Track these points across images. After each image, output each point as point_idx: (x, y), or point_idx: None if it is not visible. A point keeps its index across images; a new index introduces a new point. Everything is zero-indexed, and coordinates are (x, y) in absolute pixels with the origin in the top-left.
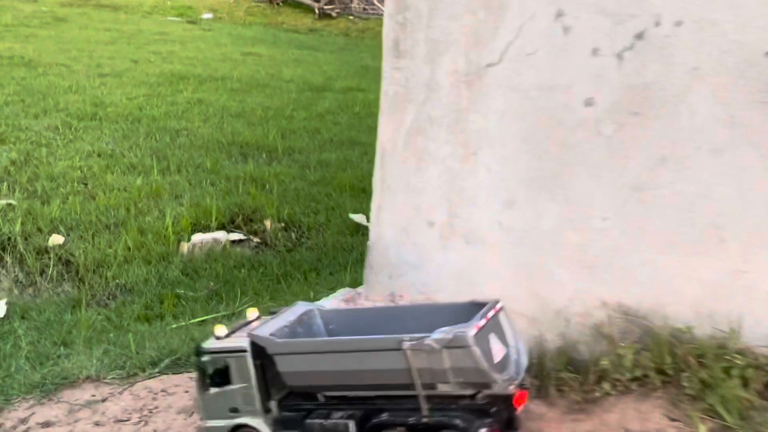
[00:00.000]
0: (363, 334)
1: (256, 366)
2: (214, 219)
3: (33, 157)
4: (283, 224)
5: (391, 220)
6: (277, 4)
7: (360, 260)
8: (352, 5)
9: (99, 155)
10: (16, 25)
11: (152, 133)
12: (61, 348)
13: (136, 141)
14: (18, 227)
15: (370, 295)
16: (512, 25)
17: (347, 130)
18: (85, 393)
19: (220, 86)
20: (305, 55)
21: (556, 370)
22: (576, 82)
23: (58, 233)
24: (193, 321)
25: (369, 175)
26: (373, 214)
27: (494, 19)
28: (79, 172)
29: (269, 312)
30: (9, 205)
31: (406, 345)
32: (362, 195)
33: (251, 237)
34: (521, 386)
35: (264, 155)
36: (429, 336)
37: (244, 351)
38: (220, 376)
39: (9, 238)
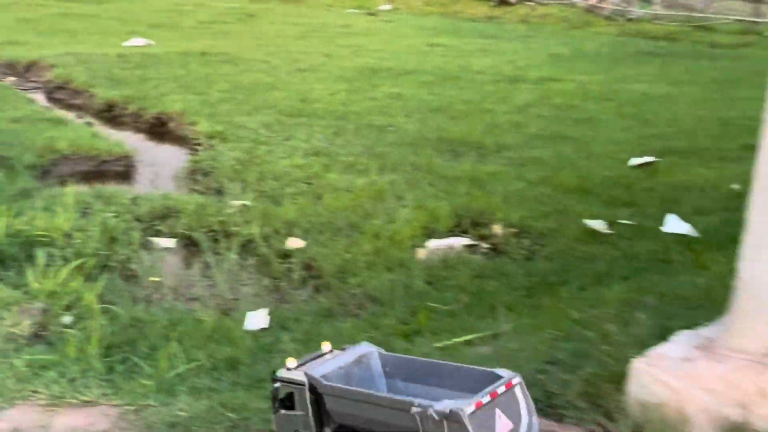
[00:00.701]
0: (413, 382)
1: (311, 400)
2: (443, 223)
3: (255, 155)
4: (514, 229)
5: None
6: None
7: (609, 274)
8: None
9: (316, 153)
10: (211, 22)
11: (360, 130)
12: None
13: (347, 138)
14: (257, 229)
15: (735, 344)
16: None
17: (553, 123)
18: None
19: (414, 79)
20: (490, 45)
21: None
22: None
23: (294, 236)
24: (457, 340)
25: (592, 175)
26: (747, 248)
27: None
28: (300, 171)
29: (341, 348)
30: (244, 206)
31: (413, 410)
32: (589, 197)
33: (481, 242)
34: None
35: (473, 152)
36: (433, 405)
37: (303, 385)
38: (288, 401)
39: (250, 241)
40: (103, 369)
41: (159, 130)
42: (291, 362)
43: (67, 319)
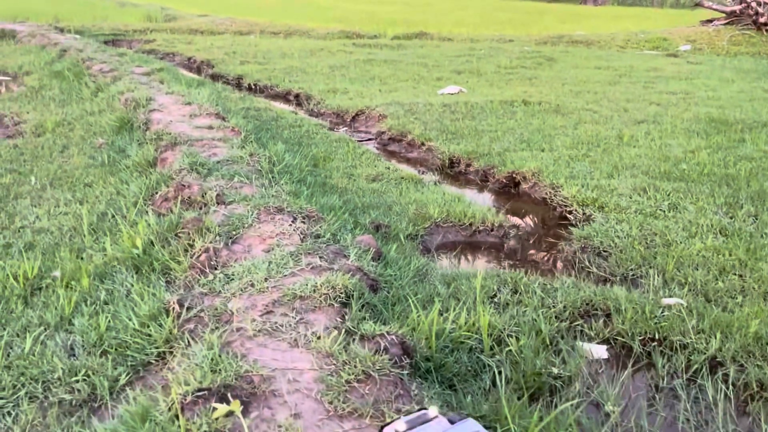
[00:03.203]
0: None
1: None
2: None
3: (651, 232)
4: None
5: None
6: (767, 30)
7: None
8: None
9: (723, 232)
10: (513, 68)
11: (756, 199)
12: None
13: (747, 210)
14: (716, 343)
15: None
16: None
17: None
18: None
19: None
20: None
21: None
22: None
23: None
24: None
25: None
26: None
27: None
28: (719, 256)
29: (448, 419)
30: (681, 306)
31: None
32: None
33: None
34: None
35: None
36: None
37: None
38: None
39: (718, 363)
40: None
41: (512, 191)
42: (400, 424)
43: None
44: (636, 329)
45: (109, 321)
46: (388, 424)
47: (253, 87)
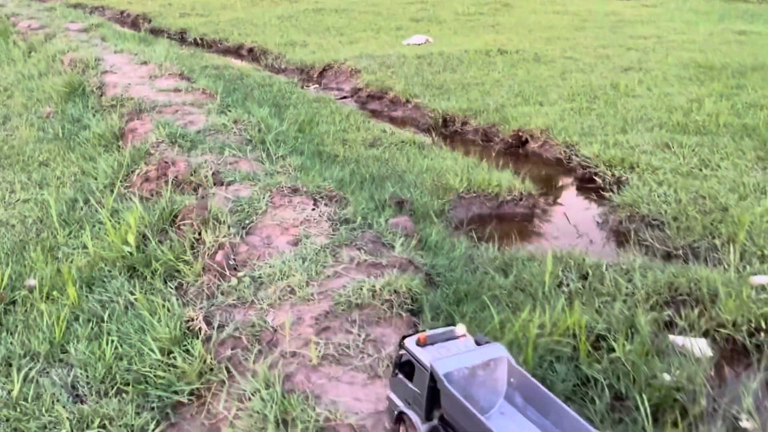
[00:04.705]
0: (532, 406)
1: (429, 386)
2: None
3: (700, 194)
4: None
5: None
6: None
7: None
8: None
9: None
10: (470, 14)
11: None
12: None
13: None
14: None
15: None
16: None
17: None
18: None
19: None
20: None
21: None
22: None
23: None
24: None
25: None
26: None
27: None
28: None
29: (475, 340)
30: None
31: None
32: None
33: None
34: None
35: None
36: None
37: (427, 369)
38: (408, 371)
39: None
40: None
41: (519, 151)
42: (422, 336)
43: None
44: (738, 317)
45: (116, 346)
46: (411, 334)
47: (200, 42)
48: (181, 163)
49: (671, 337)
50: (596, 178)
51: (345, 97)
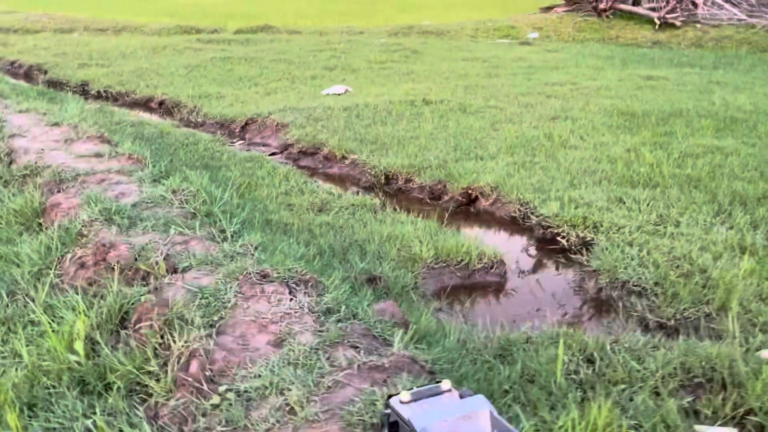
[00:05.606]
0: None
1: None
2: None
3: (675, 257)
4: None
5: None
6: (607, 16)
7: None
8: (698, 11)
9: (743, 251)
10: (382, 62)
11: (739, 205)
12: None
13: (736, 218)
14: None
15: None
16: None
17: None
18: None
19: (693, 125)
20: (712, 76)
21: None
22: None
23: None
24: None
25: None
26: None
27: None
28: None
29: (459, 394)
30: None
31: None
32: None
33: None
34: None
35: None
36: None
37: (408, 425)
38: (395, 428)
39: None
40: None
41: (470, 209)
42: (405, 395)
43: None
44: (765, 402)
45: None
46: (396, 394)
47: (103, 94)
48: (121, 245)
49: (698, 427)
50: (559, 239)
51: (274, 154)
